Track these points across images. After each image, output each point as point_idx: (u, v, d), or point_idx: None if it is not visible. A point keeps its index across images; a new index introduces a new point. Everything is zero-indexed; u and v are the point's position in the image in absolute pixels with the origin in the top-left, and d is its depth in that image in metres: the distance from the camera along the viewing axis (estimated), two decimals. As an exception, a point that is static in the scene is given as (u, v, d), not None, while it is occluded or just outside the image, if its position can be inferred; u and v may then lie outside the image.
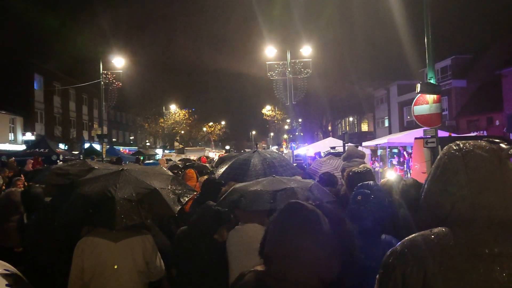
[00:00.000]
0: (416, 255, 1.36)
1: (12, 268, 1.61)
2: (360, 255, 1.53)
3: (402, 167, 19.35)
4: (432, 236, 1.38)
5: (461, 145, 1.47)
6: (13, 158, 17.61)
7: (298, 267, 1.39)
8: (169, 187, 3.47)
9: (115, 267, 3.15)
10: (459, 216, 1.36)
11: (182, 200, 3.40)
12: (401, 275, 1.36)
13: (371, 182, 3.01)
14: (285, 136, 59.87)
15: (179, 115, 57.62)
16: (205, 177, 6.68)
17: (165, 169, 4.61)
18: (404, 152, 20.89)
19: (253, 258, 1.65)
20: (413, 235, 1.45)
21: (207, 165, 12.25)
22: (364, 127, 52.49)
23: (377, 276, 1.47)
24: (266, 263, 1.47)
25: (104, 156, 23.96)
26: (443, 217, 1.41)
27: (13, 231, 6.22)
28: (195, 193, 3.77)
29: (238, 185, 3.96)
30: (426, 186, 1.50)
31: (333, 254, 1.42)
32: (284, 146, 45.51)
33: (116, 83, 26.49)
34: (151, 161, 28.57)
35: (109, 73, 26.31)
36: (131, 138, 64.97)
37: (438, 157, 1.52)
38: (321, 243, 1.40)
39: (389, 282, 1.40)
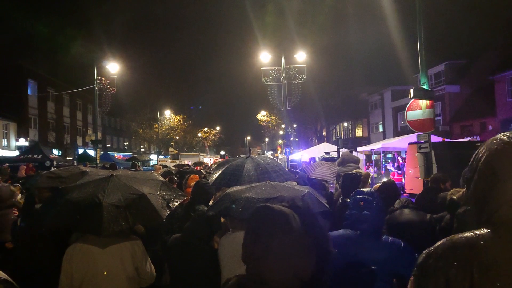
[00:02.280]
0: (461, 258, 1.28)
1: (3, 275, 1.60)
2: (333, 250, 1.56)
3: (400, 172, 19.39)
4: (478, 238, 1.29)
5: None
6: (7, 164, 17.50)
7: (272, 269, 1.42)
8: (159, 193, 3.46)
9: (105, 273, 3.12)
10: (507, 216, 1.27)
11: (171, 205, 3.39)
12: (445, 279, 1.29)
13: (371, 189, 3.14)
14: (280, 141, 59.94)
15: (174, 120, 57.57)
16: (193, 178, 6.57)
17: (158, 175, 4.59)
18: (399, 157, 20.99)
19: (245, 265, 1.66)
20: (455, 236, 1.37)
21: (201, 170, 12.20)
22: (359, 132, 52.65)
23: (412, 278, 1.40)
24: (246, 268, 1.51)
25: (98, 162, 23.86)
26: (487, 217, 1.31)
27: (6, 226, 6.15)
28: (185, 198, 3.75)
29: (231, 189, 3.93)
30: (472, 182, 1.38)
31: (307, 252, 1.44)
32: (279, 152, 45.50)
33: (111, 88, 26.44)
34: (146, 166, 28.52)
35: (103, 78, 26.27)
36: (125, 143, 64.76)
37: (484, 148, 1.39)
38: (292, 243, 1.43)
39: (429, 285, 1.32)
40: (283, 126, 51.93)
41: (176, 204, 3.45)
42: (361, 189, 3.25)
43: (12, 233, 5.65)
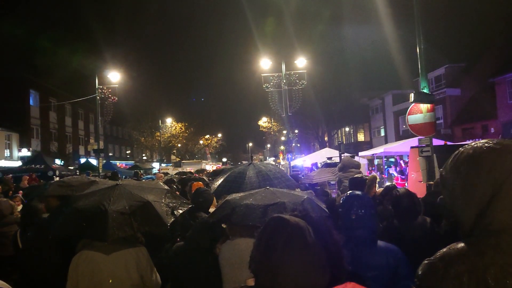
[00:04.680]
0: (472, 265, 1.23)
1: (4, 285, 1.61)
2: (346, 264, 1.49)
3: (403, 176, 19.33)
4: (482, 246, 1.26)
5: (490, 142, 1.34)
6: (10, 175, 17.54)
7: (285, 282, 1.36)
8: (163, 200, 3.50)
9: (110, 281, 3.14)
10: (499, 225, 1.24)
11: (176, 212, 3.43)
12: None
13: (360, 192, 3.03)
14: (282, 147, 59.93)
15: (176, 128, 57.64)
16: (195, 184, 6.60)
17: (161, 183, 4.63)
18: (401, 161, 20.97)
19: (246, 271, 1.64)
20: (457, 244, 1.33)
21: (204, 177, 12.21)
22: (361, 137, 52.60)
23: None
24: (255, 279, 1.46)
25: (100, 171, 23.89)
26: (486, 225, 1.27)
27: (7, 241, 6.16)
28: (190, 205, 3.78)
29: (230, 196, 3.93)
30: (463, 193, 1.33)
31: (320, 266, 1.39)
32: (281, 158, 45.47)
33: (112, 97, 26.50)
34: (148, 175, 28.57)
35: (105, 88, 26.34)
36: (127, 152, 64.83)
37: (470, 159, 1.34)
38: (306, 256, 1.37)
39: None
40: (284, 132, 51.98)
41: (180, 211, 3.49)
42: (351, 192, 3.11)
43: (13, 244, 5.65)
